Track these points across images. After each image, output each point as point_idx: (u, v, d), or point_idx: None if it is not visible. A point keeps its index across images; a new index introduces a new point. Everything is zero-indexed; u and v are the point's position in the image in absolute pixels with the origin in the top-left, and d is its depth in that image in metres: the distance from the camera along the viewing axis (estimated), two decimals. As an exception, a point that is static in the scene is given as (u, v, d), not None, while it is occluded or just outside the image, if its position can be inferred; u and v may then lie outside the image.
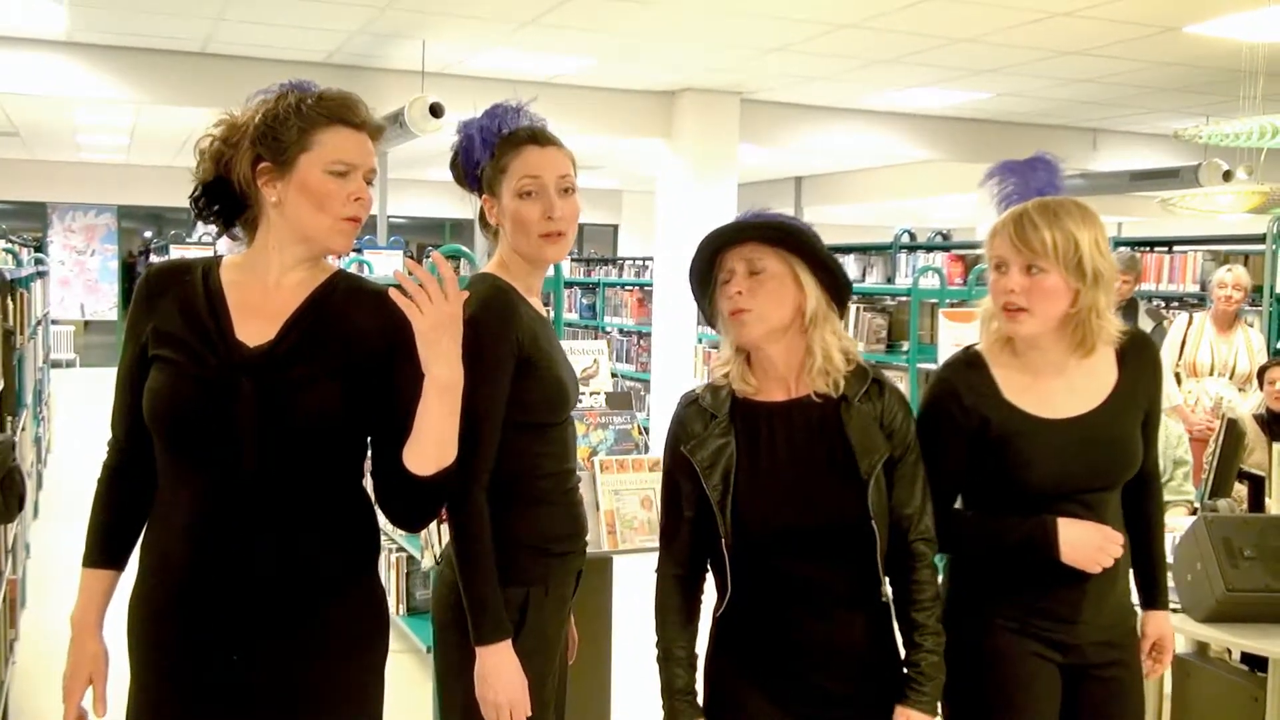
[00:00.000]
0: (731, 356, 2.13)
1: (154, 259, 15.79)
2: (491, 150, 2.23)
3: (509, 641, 2.09)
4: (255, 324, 1.84)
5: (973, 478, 2.27)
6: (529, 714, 2.11)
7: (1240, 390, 5.69)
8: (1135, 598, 2.43)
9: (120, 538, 1.92)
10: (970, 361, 2.29)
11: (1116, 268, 2.26)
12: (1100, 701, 2.27)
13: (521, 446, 2.16)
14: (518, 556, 2.15)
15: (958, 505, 2.33)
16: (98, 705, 1.92)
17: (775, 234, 2.06)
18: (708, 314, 2.21)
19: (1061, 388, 2.24)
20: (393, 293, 1.77)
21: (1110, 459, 2.24)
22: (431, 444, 1.79)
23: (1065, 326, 2.20)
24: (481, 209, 2.29)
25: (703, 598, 2.19)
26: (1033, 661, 2.22)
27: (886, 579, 2.08)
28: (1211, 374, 5.75)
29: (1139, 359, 2.29)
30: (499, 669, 2.07)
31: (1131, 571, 2.39)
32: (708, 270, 2.14)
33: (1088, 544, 2.18)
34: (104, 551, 1.93)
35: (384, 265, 7.70)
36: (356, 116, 1.86)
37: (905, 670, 2.09)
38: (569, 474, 2.29)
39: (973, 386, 2.24)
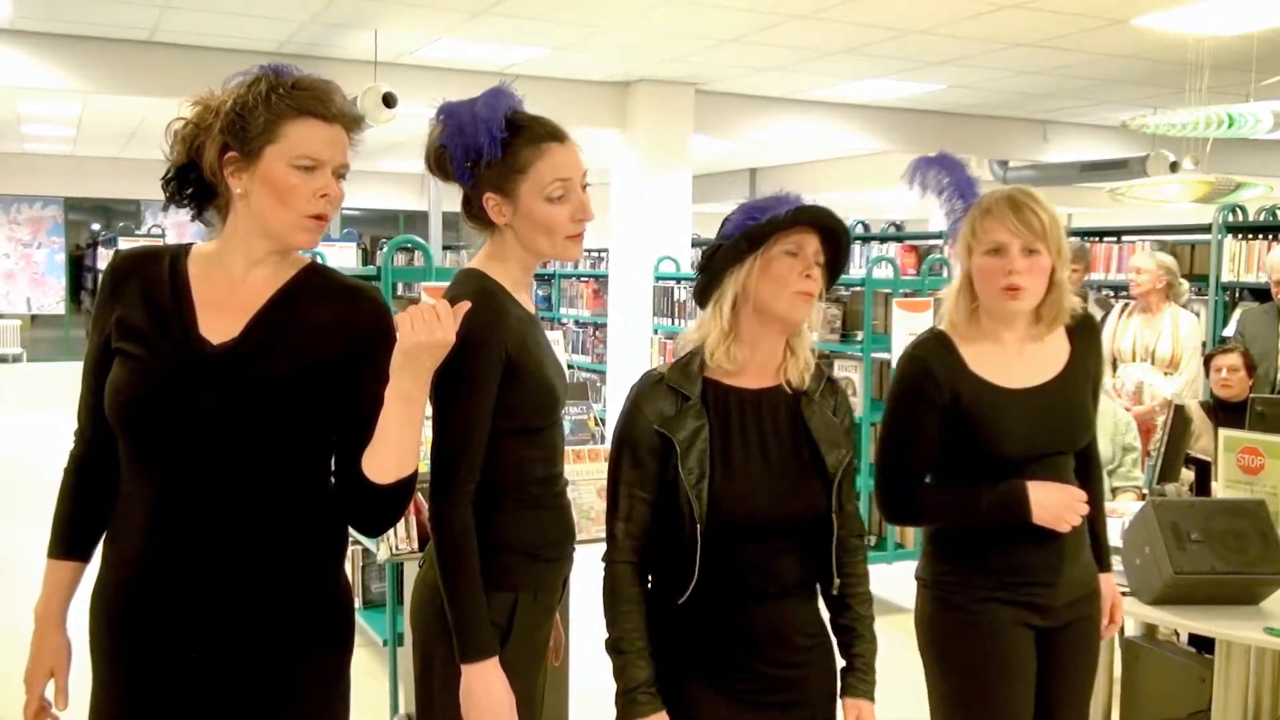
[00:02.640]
0: (723, 331, 2.08)
1: (102, 251, 15.59)
2: (501, 146, 2.05)
3: (495, 659, 2.00)
4: (220, 319, 1.79)
5: (944, 449, 2.39)
6: None
7: (1165, 374, 5.75)
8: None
9: (84, 530, 1.88)
10: (938, 339, 2.43)
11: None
12: (1062, 648, 2.42)
13: (511, 451, 2.08)
14: (507, 562, 2.07)
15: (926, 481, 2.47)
16: (59, 698, 1.89)
17: (838, 240, 2.11)
18: (710, 280, 2.12)
19: (1022, 361, 2.40)
20: (400, 317, 1.73)
21: (1070, 423, 2.41)
22: (391, 453, 1.75)
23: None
24: (469, 200, 2.13)
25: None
26: (1015, 631, 2.37)
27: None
28: (1134, 359, 5.82)
29: (1088, 337, 2.48)
30: (486, 689, 1.98)
31: None
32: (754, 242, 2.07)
33: (1056, 503, 2.33)
34: (67, 543, 1.89)
35: (336, 258, 7.65)
36: (328, 109, 1.78)
37: (849, 661, 2.15)
38: (558, 478, 2.20)
39: (943, 362, 2.39)
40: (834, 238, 2.11)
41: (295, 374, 1.77)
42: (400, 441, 1.75)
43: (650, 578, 2.14)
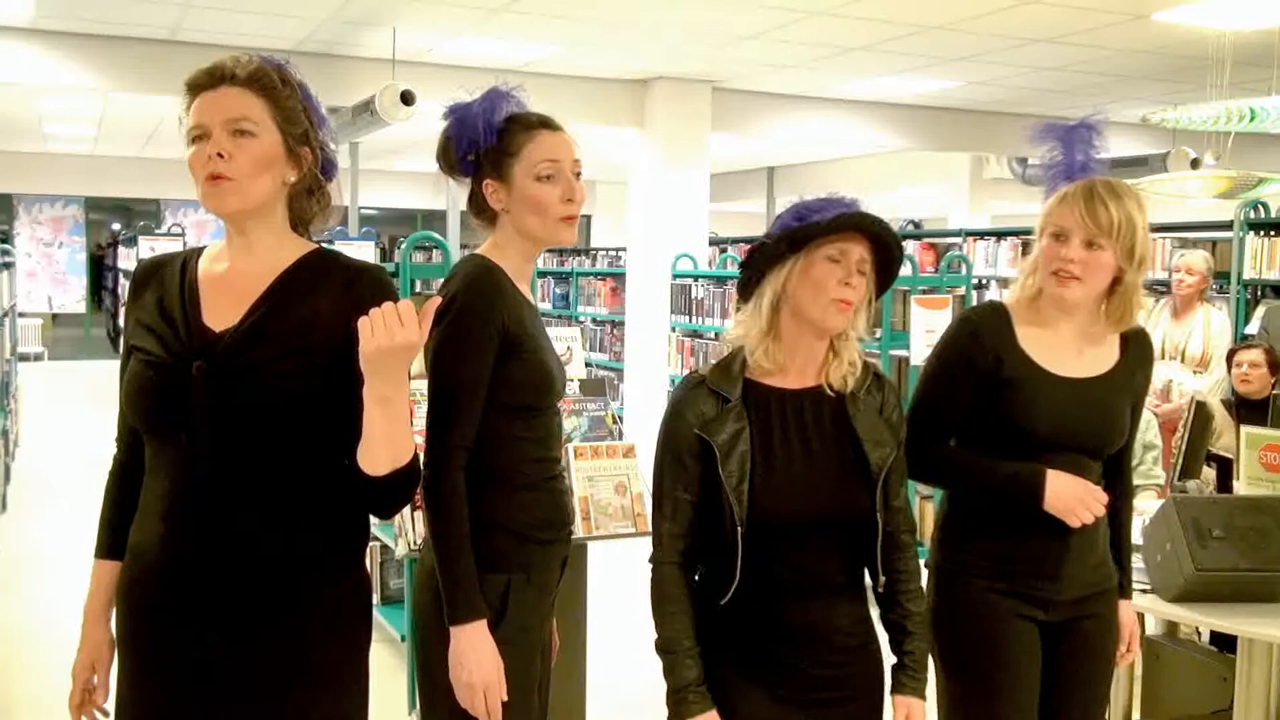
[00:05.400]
0: (762, 330, 2.07)
1: (122, 250, 15.67)
2: (496, 134, 2.19)
3: (484, 622, 2.06)
4: (224, 308, 1.82)
5: (974, 419, 2.39)
6: (504, 698, 2.07)
7: (1194, 372, 5.74)
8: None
9: (125, 530, 1.90)
10: (995, 309, 2.44)
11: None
12: (1073, 651, 2.41)
13: (504, 430, 2.13)
14: (499, 542, 2.12)
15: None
16: (100, 690, 1.95)
17: (888, 248, 2.10)
18: (752, 278, 2.11)
19: (1071, 353, 2.40)
20: (361, 321, 1.68)
21: (1101, 424, 2.40)
22: (381, 446, 1.75)
23: (1099, 301, 2.37)
24: (474, 193, 2.24)
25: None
26: (1016, 622, 2.36)
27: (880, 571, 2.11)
28: (1163, 358, 5.81)
29: (1139, 350, 2.47)
30: (473, 649, 2.04)
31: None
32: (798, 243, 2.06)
33: (1071, 495, 2.31)
34: (110, 543, 1.94)
35: (356, 256, 7.67)
36: (205, 77, 1.82)
37: (900, 658, 2.14)
38: (553, 462, 2.25)
39: (992, 329, 2.39)
40: (882, 245, 2.08)
41: (295, 356, 1.78)
42: (387, 437, 1.74)
43: (695, 578, 2.13)
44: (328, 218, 1.96)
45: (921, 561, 2.23)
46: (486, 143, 2.18)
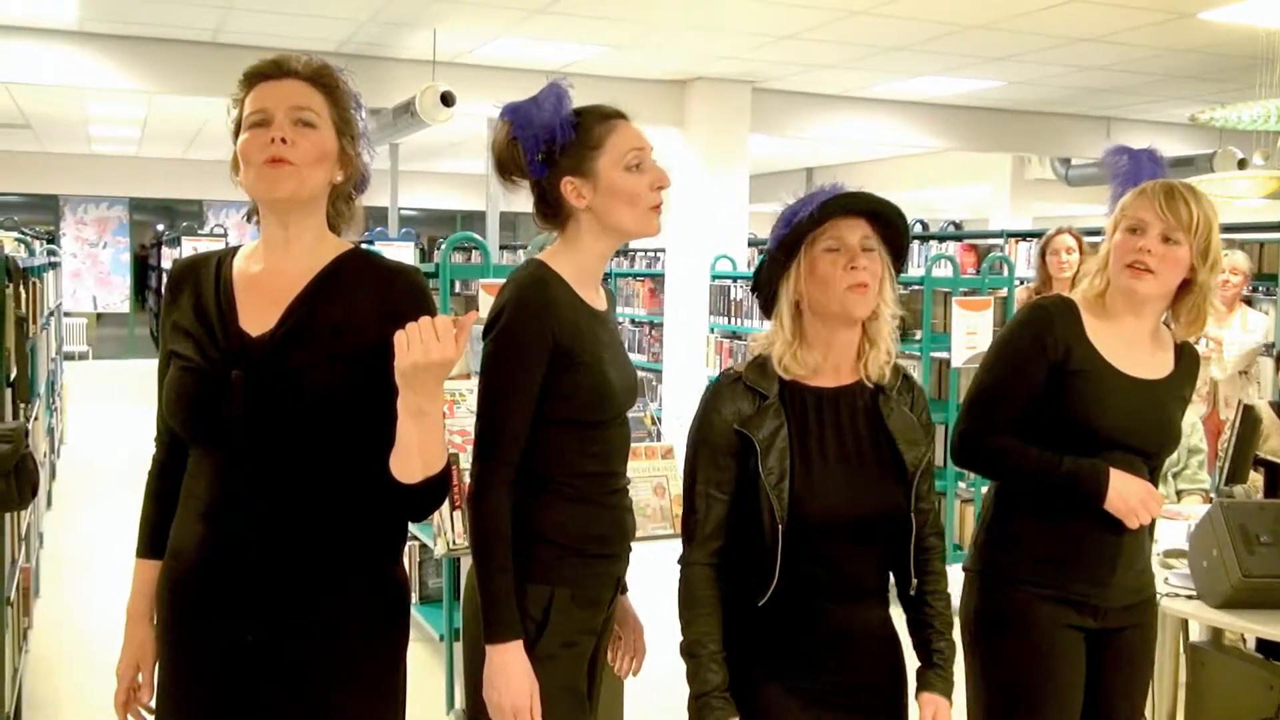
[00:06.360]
0: (786, 341, 2.06)
1: (166, 251, 15.86)
2: (573, 128, 2.08)
3: (519, 643, 2.00)
4: (260, 311, 1.83)
5: (1033, 413, 2.36)
6: (536, 719, 2.01)
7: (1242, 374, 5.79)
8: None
9: (166, 530, 1.91)
10: (1065, 302, 2.43)
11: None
12: (1113, 659, 2.39)
13: (557, 442, 2.06)
14: (543, 553, 2.06)
15: None
16: (144, 689, 1.97)
17: (886, 218, 2.07)
18: (771, 279, 2.10)
19: (1137, 353, 2.39)
20: (397, 335, 1.66)
21: (1161, 428, 2.40)
22: (414, 456, 1.74)
23: (1167, 300, 2.37)
24: (544, 193, 2.12)
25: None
26: (1065, 633, 2.33)
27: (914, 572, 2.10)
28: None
29: (1190, 363, 2.48)
30: (505, 670, 1.99)
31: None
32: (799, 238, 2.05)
33: (1133, 495, 2.30)
34: (151, 543, 1.96)
35: (395, 257, 7.73)
36: (271, 67, 1.84)
37: (928, 658, 2.13)
38: (615, 477, 2.17)
39: (1065, 320, 2.38)
40: (877, 217, 2.05)
41: (328, 360, 1.78)
42: (421, 447, 1.74)
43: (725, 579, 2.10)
44: (352, 230, 1.96)
45: (959, 566, 2.21)
46: (565, 138, 2.07)
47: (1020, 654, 2.34)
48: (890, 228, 2.07)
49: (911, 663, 2.16)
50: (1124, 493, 2.28)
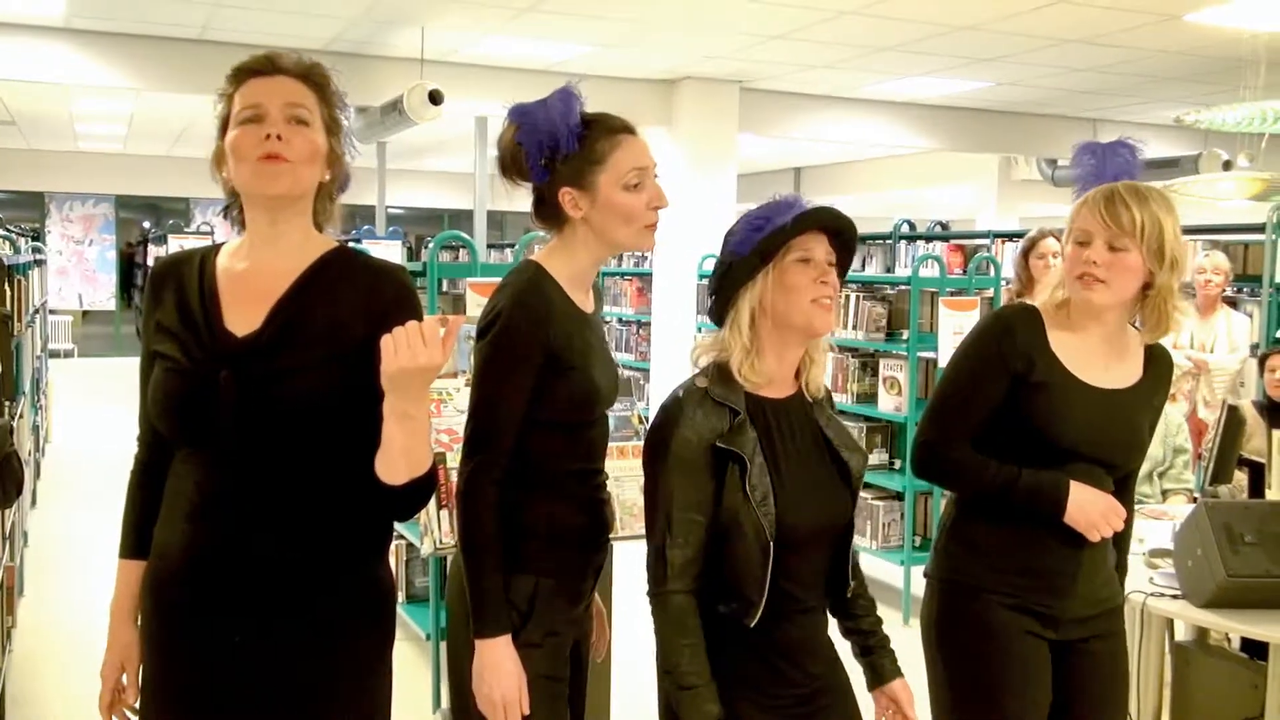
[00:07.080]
0: (745, 348, 2.02)
1: (152, 248, 15.79)
2: (578, 140, 2.08)
3: (507, 638, 2.04)
4: (245, 311, 1.81)
5: (994, 424, 2.33)
6: (525, 712, 2.04)
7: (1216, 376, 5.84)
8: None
9: (149, 530, 1.91)
10: (1028, 310, 2.38)
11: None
12: (1084, 673, 2.35)
13: (545, 443, 2.10)
14: (529, 546, 2.10)
15: None
16: (129, 690, 1.95)
17: (846, 238, 2.08)
18: (732, 288, 2.06)
19: (1100, 363, 2.34)
20: (384, 339, 1.65)
21: (1126, 439, 2.35)
22: (399, 458, 1.74)
23: (1132, 306, 2.32)
24: (542, 197, 2.13)
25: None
26: (1027, 640, 2.30)
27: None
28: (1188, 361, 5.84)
29: (1162, 368, 2.43)
30: (495, 664, 2.02)
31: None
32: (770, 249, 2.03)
33: (1093, 508, 2.26)
34: (134, 543, 1.95)
35: (382, 256, 7.72)
36: (263, 63, 1.83)
37: (872, 646, 2.17)
38: (595, 473, 2.21)
39: (1028, 329, 2.33)
40: (841, 238, 2.06)
41: (315, 362, 1.77)
42: (406, 450, 1.74)
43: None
44: (330, 227, 1.95)
45: (921, 569, 2.21)
46: (568, 150, 2.07)
47: (980, 655, 2.31)
48: (845, 250, 2.09)
49: (846, 659, 2.17)
50: (1084, 506, 2.25)
